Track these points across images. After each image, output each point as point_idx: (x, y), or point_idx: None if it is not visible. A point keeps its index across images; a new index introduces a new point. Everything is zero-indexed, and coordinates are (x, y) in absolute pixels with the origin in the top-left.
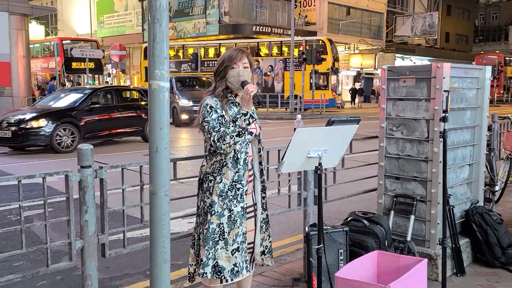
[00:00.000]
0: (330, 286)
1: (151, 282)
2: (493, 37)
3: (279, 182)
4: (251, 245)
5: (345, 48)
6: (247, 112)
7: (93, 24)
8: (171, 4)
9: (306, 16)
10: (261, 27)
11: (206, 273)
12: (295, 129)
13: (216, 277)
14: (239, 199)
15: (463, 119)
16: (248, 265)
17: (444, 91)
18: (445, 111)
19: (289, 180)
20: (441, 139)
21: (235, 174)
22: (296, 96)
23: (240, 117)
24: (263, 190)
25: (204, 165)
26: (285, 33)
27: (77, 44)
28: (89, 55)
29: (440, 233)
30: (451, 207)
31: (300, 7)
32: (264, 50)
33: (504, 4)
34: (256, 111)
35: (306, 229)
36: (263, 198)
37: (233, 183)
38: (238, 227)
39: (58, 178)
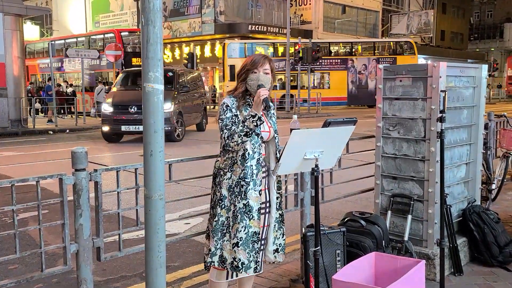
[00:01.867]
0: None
1: (146, 286)
2: (488, 34)
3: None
4: (262, 242)
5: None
6: (256, 114)
7: (89, 24)
8: (166, 3)
9: (301, 15)
10: (257, 26)
11: (214, 262)
12: (291, 130)
13: (221, 267)
14: (242, 196)
15: (460, 118)
16: (257, 265)
17: (441, 91)
18: (442, 111)
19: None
20: (439, 139)
21: (242, 171)
22: None
23: (248, 118)
24: (279, 189)
25: (218, 160)
26: (280, 32)
27: (136, 35)
28: (84, 55)
29: (437, 233)
30: (448, 206)
31: (296, 6)
32: (358, 50)
33: (499, 2)
34: None
35: (303, 230)
36: (277, 198)
37: (239, 180)
38: (238, 222)
39: (54, 179)
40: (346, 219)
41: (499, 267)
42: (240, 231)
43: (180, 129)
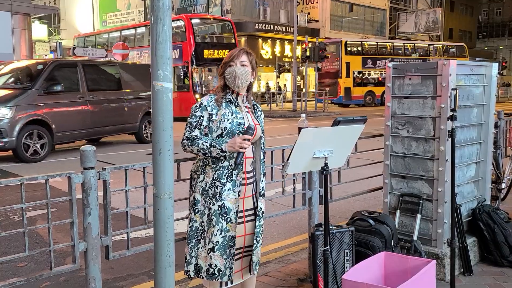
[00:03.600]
0: (337, 287)
1: (155, 285)
2: (497, 33)
3: (283, 182)
4: (249, 248)
5: None
6: (226, 152)
7: (96, 23)
8: (173, 2)
9: (308, 14)
10: (264, 24)
11: (190, 271)
12: (299, 129)
13: (197, 276)
14: (217, 197)
15: (470, 116)
16: (231, 272)
17: (452, 89)
18: (453, 110)
19: (283, 181)
20: (449, 138)
21: (216, 172)
22: None
23: (217, 148)
24: (260, 196)
25: (194, 163)
26: (287, 30)
27: (208, 24)
28: (92, 54)
29: (446, 232)
30: (457, 205)
31: (303, 5)
32: (409, 51)
33: (508, 0)
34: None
35: (311, 229)
36: (260, 208)
37: (213, 181)
38: (214, 226)
39: (63, 178)
40: (354, 218)
41: (509, 267)
42: (216, 234)
43: (37, 145)
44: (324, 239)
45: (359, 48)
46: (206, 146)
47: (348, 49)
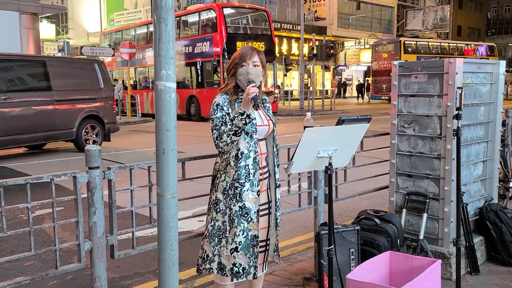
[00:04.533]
0: (342, 286)
1: (159, 284)
2: (506, 29)
3: (288, 181)
4: (264, 243)
5: (355, 43)
6: (244, 112)
7: (103, 22)
8: (180, 1)
9: (315, 11)
10: None
11: (212, 268)
12: (304, 127)
13: (220, 274)
14: (237, 198)
15: (477, 115)
16: (256, 271)
17: (458, 87)
18: (458, 109)
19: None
20: (455, 137)
21: (235, 172)
22: None
23: (237, 116)
24: (276, 188)
25: (217, 162)
26: (294, 28)
27: (242, 13)
28: (99, 53)
29: (453, 232)
30: (464, 204)
31: (310, 2)
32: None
33: None
34: None
35: (317, 228)
36: (277, 199)
37: (233, 182)
38: (236, 226)
39: (69, 177)
40: (360, 217)
41: None
42: (239, 235)
43: None
44: (329, 238)
45: (414, 48)
46: (230, 125)
47: (405, 48)
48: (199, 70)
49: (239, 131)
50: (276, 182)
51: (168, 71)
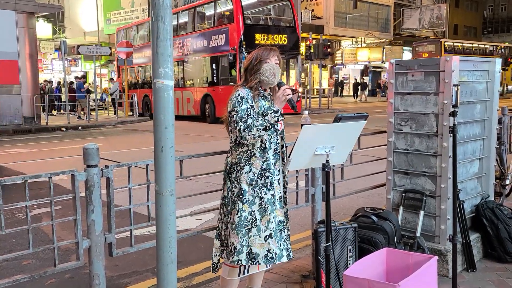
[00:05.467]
0: (339, 284)
1: (158, 282)
2: (502, 28)
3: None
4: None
5: (352, 41)
6: (278, 110)
7: (100, 21)
8: (177, 0)
9: (312, 10)
10: None
11: (241, 259)
12: (302, 126)
13: (251, 264)
14: (268, 187)
15: (473, 112)
16: (289, 252)
17: (454, 85)
18: (454, 106)
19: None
20: (451, 134)
21: (264, 163)
22: None
23: (270, 113)
24: (284, 185)
25: (229, 156)
26: None
27: (262, 2)
28: (96, 52)
29: (450, 229)
30: (461, 202)
31: (307, 1)
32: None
33: None
34: None
35: (314, 226)
36: (284, 193)
37: (262, 172)
38: (269, 213)
39: (67, 176)
40: (357, 215)
41: None
42: (272, 221)
43: None
44: (326, 235)
45: (453, 48)
46: (261, 120)
47: (445, 48)
48: (214, 66)
49: (269, 127)
50: (285, 172)
51: (166, 69)
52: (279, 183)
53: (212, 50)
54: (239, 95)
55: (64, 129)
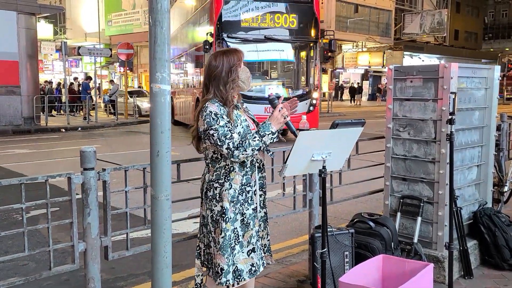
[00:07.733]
0: None
1: (152, 286)
2: (503, 34)
3: (283, 183)
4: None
5: (353, 46)
6: (276, 132)
7: (101, 22)
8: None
9: None
10: None
11: (229, 280)
12: (300, 131)
13: (237, 283)
14: (249, 201)
15: (471, 119)
16: (264, 260)
17: (451, 93)
18: (452, 113)
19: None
20: (448, 141)
21: (243, 177)
22: None
23: (268, 134)
24: (261, 187)
25: (206, 173)
26: None
27: None
28: (96, 54)
29: (447, 235)
30: (458, 208)
31: None
32: None
33: None
34: None
35: (311, 231)
36: (260, 196)
37: (243, 187)
38: (251, 229)
39: (63, 178)
40: (354, 220)
41: (510, 270)
42: (254, 236)
43: None
44: (322, 241)
45: None
46: (258, 140)
47: None
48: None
49: (264, 147)
50: (261, 180)
51: (163, 73)
52: (255, 194)
53: (195, 41)
54: (211, 112)
55: (63, 130)
